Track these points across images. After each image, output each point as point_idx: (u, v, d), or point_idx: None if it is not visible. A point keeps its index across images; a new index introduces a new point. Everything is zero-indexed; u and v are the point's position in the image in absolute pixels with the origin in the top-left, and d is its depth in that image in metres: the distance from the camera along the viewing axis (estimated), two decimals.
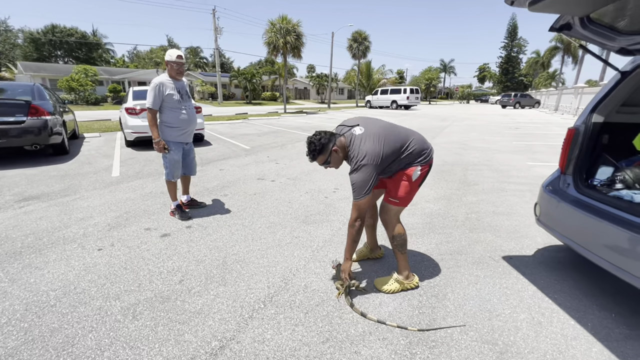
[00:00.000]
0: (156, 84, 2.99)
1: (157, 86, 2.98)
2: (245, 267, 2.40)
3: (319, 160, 1.95)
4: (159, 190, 4.23)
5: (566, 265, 2.48)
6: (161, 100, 3.03)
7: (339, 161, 2.00)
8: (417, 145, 1.99)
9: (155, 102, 3.01)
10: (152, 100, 2.99)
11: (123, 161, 5.98)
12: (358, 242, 2.04)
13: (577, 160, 2.26)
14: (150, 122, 3.03)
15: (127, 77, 33.35)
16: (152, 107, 3.00)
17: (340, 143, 1.94)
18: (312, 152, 1.92)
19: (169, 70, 3.10)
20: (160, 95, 3.01)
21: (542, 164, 6.06)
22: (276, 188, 4.41)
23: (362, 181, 1.84)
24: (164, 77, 3.07)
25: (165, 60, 3.07)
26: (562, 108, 24.75)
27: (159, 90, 2.99)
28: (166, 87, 3.03)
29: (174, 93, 3.06)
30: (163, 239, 2.82)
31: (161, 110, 3.09)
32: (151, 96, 2.98)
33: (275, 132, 10.66)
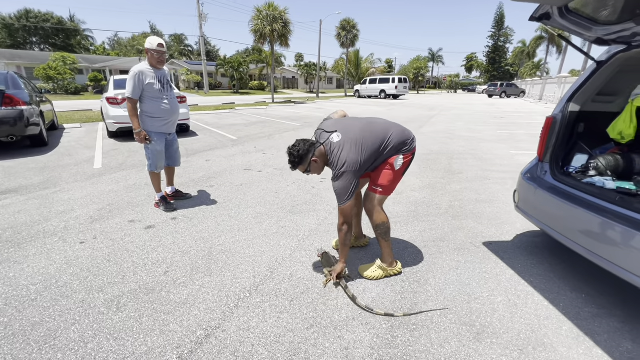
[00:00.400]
0: (135, 72, 2.90)
1: (136, 75, 2.90)
2: (231, 257, 2.41)
3: (300, 169, 2.00)
4: (143, 182, 4.16)
5: (543, 250, 2.58)
6: (141, 89, 2.95)
7: (319, 169, 2.05)
8: (397, 139, 2.02)
9: (135, 92, 2.93)
10: (131, 90, 2.91)
11: (105, 152, 5.83)
12: (349, 244, 2.09)
13: (554, 149, 2.33)
14: (131, 112, 2.95)
15: (108, 65, 32.19)
16: (131, 96, 2.93)
17: (320, 152, 1.97)
18: (292, 163, 1.98)
19: (149, 59, 3.01)
20: (140, 84, 2.93)
21: (524, 153, 6.21)
22: (263, 178, 4.39)
23: (343, 188, 1.90)
24: (144, 66, 2.98)
25: (145, 48, 2.98)
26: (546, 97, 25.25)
27: (139, 79, 2.91)
28: (146, 76, 2.95)
29: (154, 82, 2.98)
30: (147, 231, 2.79)
31: (142, 100, 3.01)
32: (130, 85, 2.90)
33: (263, 123, 10.54)
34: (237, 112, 13.93)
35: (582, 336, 1.69)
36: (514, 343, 1.63)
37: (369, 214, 2.16)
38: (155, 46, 2.96)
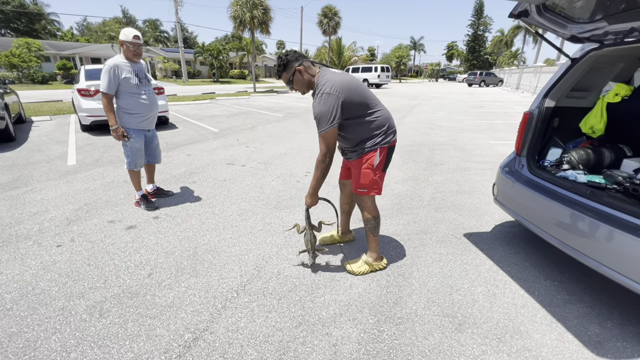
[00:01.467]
0: (110, 66, 2.76)
1: (111, 69, 2.76)
2: (217, 256, 2.39)
3: (283, 77, 1.94)
4: (122, 178, 4.02)
5: (519, 240, 2.70)
6: (117, 84, 2.82)
7: (303, 84, 1.95)
8: (383, 117, 1.99)
9: (111, 87, 2.79)
10: (106, 85, 2.77)
11: (79, 148, 5.58)
12: (325, 178, 2.01)
13: (531, 143, 2.42)
14: (106, 108, 2.82)
15: (77, 52, 30.41)
16: (107, 91, 2.79)
17: (308, 67, 1.92)
18: (278, 68, 1.94)
19: (125, 52, 2.86)
20: (116, 78, 2.79)
21: (502, 143, 6.40)
22: (247, 173, 4.34)
23: (324, 112, 1.80)
24: (119, 59, 2.84)
25: (120, 40, 2.83)
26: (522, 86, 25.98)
27: (114, 73, 2.77)
28: (122, 70, 2.81)
29: (130, 77, 2.85)
30: (129, 232, 2.72)
31: (118, 95, 2.88)
32: (105, 80, 2.76)
33: (245, 113, 10.34)
34: (218, 102, 13.59)
35: (554, 322, 1.80)
36: (493, 332, 1.72)
37: (361, 209, 2.20)
38: (131, 38, 2.82)
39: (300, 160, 4.96)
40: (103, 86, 2.78)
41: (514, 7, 2.17)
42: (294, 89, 1.98)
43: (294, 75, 1.91)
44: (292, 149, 5.69)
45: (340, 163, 2.42)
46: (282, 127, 7.92)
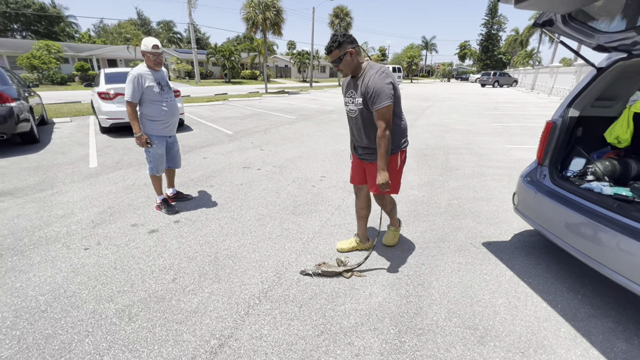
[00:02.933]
0: (134, 75, 2.85)
1: (135, 78, 2.85)
2: (238, 262, 2.43)
3: (333, 54, 1.99)
4: (142, 182, 4.12)
5: (540, 250, 2.67)
6: (141, 92, 2.90)
7: (350, 66, 2.02)
8: (405, 121, 2.22)
9: (135, 95, 2.88)
10: (131, 93, 2.86)
11: (100, 150, 5.74)
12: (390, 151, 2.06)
13: (553, 153, 2.39)
14: (131, 116, 2.91)
15: (95, 54, 31.21)
16: (131, 100, 2.88)
17: (358, 53, 2.01)
18: (332, 44, 1.97)
19: (146, 61, 2.95)
20: (140, 87, 2.88)
21: (519, 147, 6.30)
22: (263, 177, 4.39)
23: (385, 87, 1.90)
24: (142, 68, 2.93)
25: (141, 51, 2.92)
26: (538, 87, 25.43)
27: (138, 82, 2.86)
28: (145, 79, 2.90)
29: (153, 85, 2.94)
30: (151, 236, 2.80)
31: (141, 103, 2.97)
32: (130, 89, 2.85)
33: (257, 115, 10.44)
34: (231, 104, 13.75)
35: (579, 337, 1.78)
36: (516, 346, 1.71)
37: (382, 206, 2.45)
38: (150, 48, 2.90)
39: (314, 165, 4.99)
40: (128, 95, 2.87)
41: (539, 17, 2.15)
42: (339, 68, 2.04)
43: (344, 55, 1.97)
44: (306, 153, 5.72)
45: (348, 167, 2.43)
46: (295, 130, 7.97)
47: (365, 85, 1.96)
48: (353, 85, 2.08)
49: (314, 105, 13.88)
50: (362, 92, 2.00)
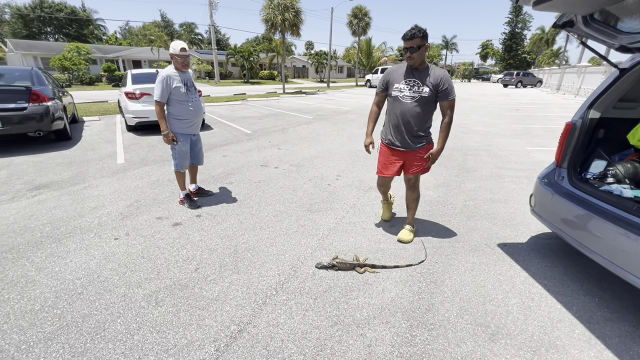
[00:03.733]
0: (163, 77, 3.03)
1: (164, 79, 3.02)
2: (256, 255, 2.55)
3: (415, 41, 2.26)
4: (166, 177, 4.33)
5: (557, 252, 2.64)
6: (168, 93, 3.07)
7: (421, 57, 2.35)
8: None
9: (163, 95, 3.05)
10: (159, 93, 3.03)
11: (126, 147, 6.03)
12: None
13: (573, 155, 2.36)
14: (159, 115, 3.08)
15: (121, 55, 32.49)
16: (159, 100, 3.05)
17: (428, 50, 2.39)
18: (416, 32, 2.24)
19: (175, 63, 3.12)
20: (168, 88, 3.05)
21: (540, 149, 6.15)
22: (280, 175, 4.51)
23: (452, 82, 2.42)
24: (171, 70, 3.10)
25: (170, 53, 3.09)
26: (564, 87, 24.50)
27: (166, 83, 3.03)
28: (173, 80, 3.06)
29: (180, 86, 3.10)
30: (175, 228, 2.96)
31: (169, 102, 3.14)
32: (159, 89, 3.02)
33: (275, 115, 10.62)
34: (249, 104, 14.03)
35: (593, 339, 1.77)
36: (527, 344, 1.73)
37: (414, 191, 2.80)
38: (178, 51, 3.07)
39: (330, 164, 5.07)
40: (157, 95, 3.04)
41: (558, 18, 2.15)
42: (412, 56, 2.32)
43: (422, 47, 2.29)
44: (322, 152, 5.81)
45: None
46: (311, 130, 8.07)
47: (438, 78, 2.36)
48: (415, 75, 2.40)
49: (330, 105, 13.96)
50: (432, 83, 2.36)
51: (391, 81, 2.50)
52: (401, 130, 2.54)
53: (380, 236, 2.87)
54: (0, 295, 2.05)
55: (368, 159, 5.32)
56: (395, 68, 2.52)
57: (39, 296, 2.05)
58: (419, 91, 2.39)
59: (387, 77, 2.53)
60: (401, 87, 2.43)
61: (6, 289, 2.11)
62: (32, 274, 2.26)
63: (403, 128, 2.53)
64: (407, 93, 2.42)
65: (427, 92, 2.38)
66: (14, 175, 4.34)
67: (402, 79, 2.44)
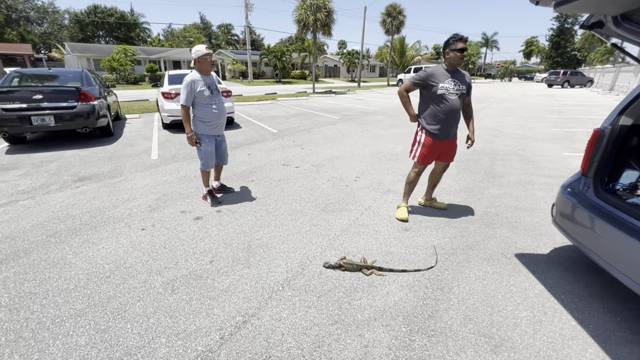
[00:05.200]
0: (188, 82, 3.21)
1: (189, 84, 3.21)
2: (268, 251, 2.65)
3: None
4: (192, 174, 4.59)
5: (581, 266, 2.49)
6: (193, 97, 3.26)
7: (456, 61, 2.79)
8: None
9: (188, 99, 3.24)
10: (185, 98, 3.23)
11: (160, 144, 6.45)
12: None
13: (600, 164, 2.22)
14: (184, 118, 3.28)
15: (162, 56, 34.47)
16: (185, 103, 3.25)
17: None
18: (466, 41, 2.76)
19: (199, 66, 3.29)
20: (192, 92, 3.24)
21: (579, 155, 5.71)
22: (300, 175, 4.61)
23: None
24: (195, 75, 3.27)
25: (193, 58, 3.27)
26: (618, 88, 22.48)
27: (191, 87, 3.22)
28: (197, 84, 3.24)
29: (204, 89, 3.28)
30: (196, 222, 3.15)
31: (194, 105, 3.33)
32: (184, 94, 3.22)
33: (303, 115, 10.78)
34: (279, 103, 14.33)
35: None
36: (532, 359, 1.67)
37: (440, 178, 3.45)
38: (205, 51, 3.24)
39: (351, 165, 5.09)
40: (182, 99, 3.24)
41: (586, 19, 2.03)
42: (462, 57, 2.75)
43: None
44: (345, 153, 5.84)
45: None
46: (337, 130, 8.12)
47: (468, 78, 2.94)
48: (453, 75, 2.84)
49: (359, 105, 13.89)
50: (466, 82, 2.91)
51: (435, 81, 2.83)
52: (449, 123, 2.94)
53: (392, 239, 2.86)
54: (43, 274, 2.32)
55: (389, 161, 5.27)
56: (435, 69, 2.88)
57: (74, 277, 2.29)
58: (460, 89, 2.85)
59: (430, 77, 2.85)
60: (447, 86, 2.81)
61: (48, 268, 2.39)
62: (69, 257, 2.53)
63: (452, 121, 2.94)
64: (452, 91, 2.83)
65: (464, 89, 2.89)
66: (63, 168, 4.82)
67: (446, 78, 2.82)
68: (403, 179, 4.43)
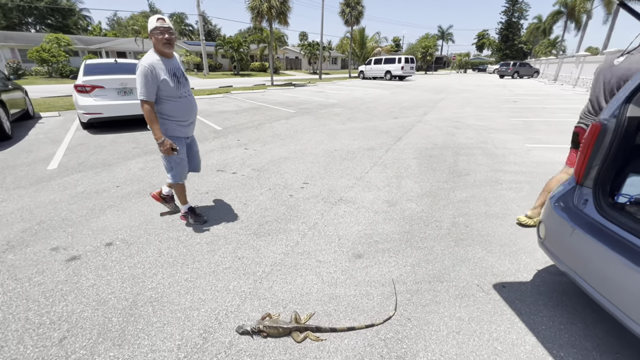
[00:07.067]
0: (145, 67, 2.26)
1: (147, 69, 2.26)
2: (159, 310, 1.83)
3: None
4: (94, 188, 3.58)
5: (572, 297, 1.96)
6: (156, 87, 2.34)
7: None
8: None
9: (150, 92, 2.32)
10: (145, 90, 2.29)
11: (70, 148, 5.25)
12: None
13: (601, 169, 1.65)
14: (149, 118, 2.35)
15: (104, 46, 31.19)
16: (146, 98, 2.31)
17: None
18: None
19: (156, 44, 2.36)
20: (155, 81, 2.31)
21: (541, 147, 5.46)
22: (235, 183, 3.78)
23: None
24: (153, 57, 2.34)
25: (149, 32, 2.34)
26: (561, 78, 23.82)
27: (152, 74, 2.29)
28: (159, 70, 2.32)
29: (167, 78, 2.37)
30: (67, 265, 2.23)
31: (156, 100, 2.42)
32: (143, 84, 2.28)
33: (255, 109, 9.83)
34: (232, 97, 13.18)
35: None
36: None
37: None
38: (156, 22, 2.30)
39: (300, 167, 4.34)
40: (142, 92, 2.30)
41: None
42: None
43: None
44: (295, 152, 5.07)
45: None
46: (290, 125, 7.31)
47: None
48: None
49: (318, 98, 13.15)
50: None
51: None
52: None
53: (339, 274, 2.16)
54: None
55: (344, 161, 4.60)
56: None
57: None
58: None
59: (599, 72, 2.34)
60: None
61: None
62: None
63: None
64: None
65: None
66: None
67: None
68: (358, 183, 3.77)
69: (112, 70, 6.72)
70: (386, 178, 3.95)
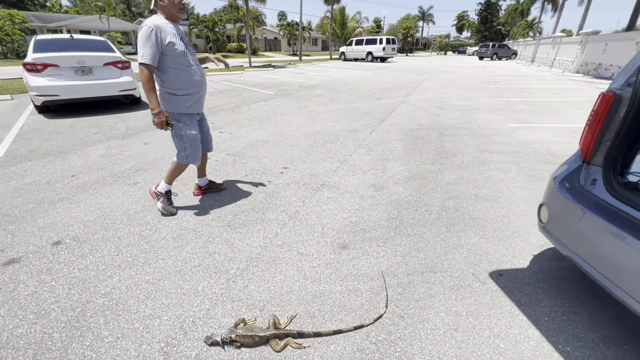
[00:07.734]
0: (150, 27, 1.96)
1: (152, 31, 1.96)
2: (112, 321, 1.55)
3: None
4: (45, 178, 3.16)
5: (572, 283, 1.84)
6: (160, 51, 2.02)
7: None
8: None
9: (154, 56, 2.00)
10: (148, 52, 1.98)
11: (21, 134, 4.69)
12: None
13: (613, 144, 1.48)
14: (146, 85, 2.04)
15: (65, 24, 28.77)
16: (150, 62, 2.00)
17: None
18: None
19: (169, 8, 2.08)
20: (159, 44, 2.00)
21: (525, 126, 5.39)
22: (209, 170, 3.44)
23: None
24: (160, 19, 2.04)
25: None
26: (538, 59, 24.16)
27: (157, 36, 1.98)
28: (166, 33, 2.01)
29: (176, 42, 2.06)
30: (3, 271, 1.89)
31: (160, 69, 2.10)
32: (147, 46, 1.97)
33: (232, 91, 9.29)
34: (207, 79, 12.33)
35: None
36: None
37: None
38: None
39: (279, 151, 4.04)
40: (145, 55, 1.98)
41: None
42: None
43: None
44: (274, 135, 4.75)
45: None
46: (269, 107, 6.92)
47: None
48: None
49: (298, 79, 12.66)
50: None
51: None
52: None
53: (323, 268, 1.94)
54: None
55: (327, 144, 4.33)
56: None
57: None
58: None
59: None
60: None
61: None
62: None
63: None
64: None
65: None
66: None
67: None
68: (342, 166, 3.53)
69: (67, 46, 6.04)
70: (371, 161, 3.73)
